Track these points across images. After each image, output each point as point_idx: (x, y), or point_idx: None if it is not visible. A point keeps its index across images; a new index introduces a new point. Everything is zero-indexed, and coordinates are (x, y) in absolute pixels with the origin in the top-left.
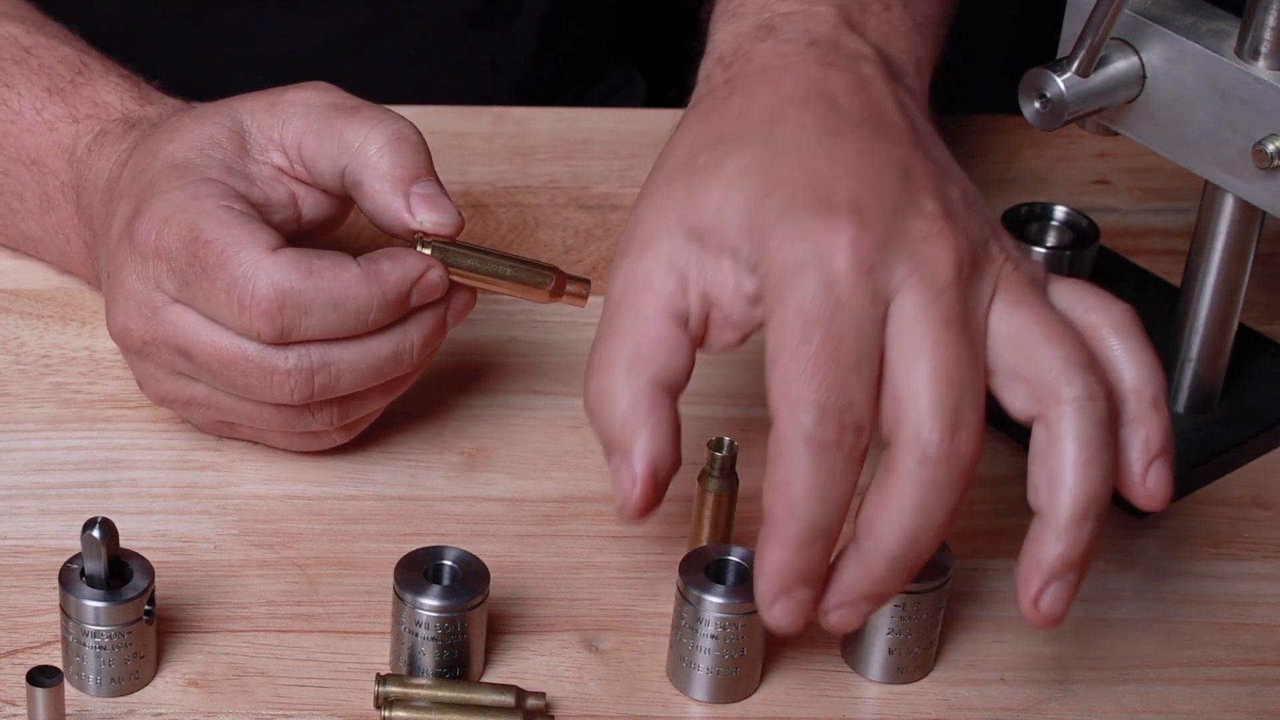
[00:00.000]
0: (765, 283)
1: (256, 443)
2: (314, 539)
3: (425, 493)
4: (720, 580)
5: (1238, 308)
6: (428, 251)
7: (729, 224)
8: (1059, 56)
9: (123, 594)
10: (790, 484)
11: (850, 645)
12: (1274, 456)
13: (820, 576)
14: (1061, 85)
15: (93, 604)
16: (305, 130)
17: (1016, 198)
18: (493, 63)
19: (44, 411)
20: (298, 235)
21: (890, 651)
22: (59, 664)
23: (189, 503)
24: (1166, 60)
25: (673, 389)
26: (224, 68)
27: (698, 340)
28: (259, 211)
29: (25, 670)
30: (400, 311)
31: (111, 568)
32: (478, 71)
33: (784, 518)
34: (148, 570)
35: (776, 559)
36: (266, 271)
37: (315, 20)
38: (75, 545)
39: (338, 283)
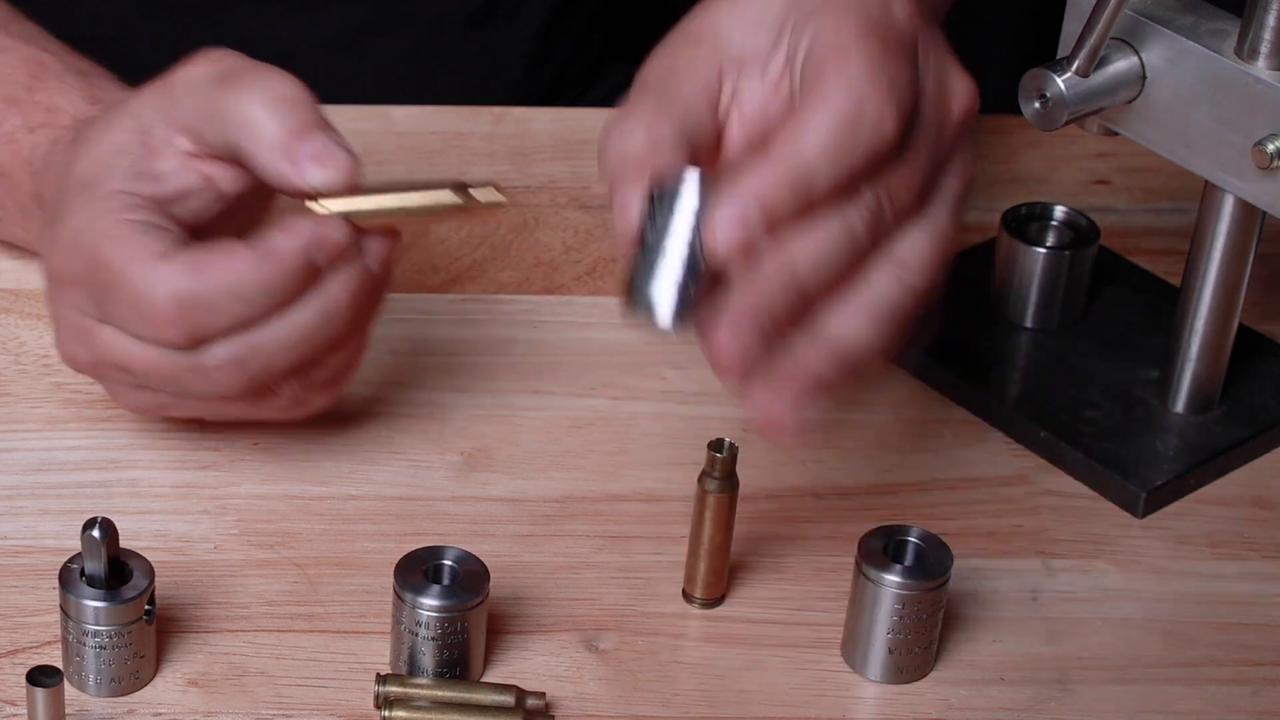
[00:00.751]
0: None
1: (256, 423)
2: (314, 539)
3: (425, 493)
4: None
5: (1238, 308)
6: (326, 210)
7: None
8: (1059, 56)
9: (123, 594)
10: None
11: (850, 645)
12: (1274, 456)
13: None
14: (1061, 85)
15: (93, 604)
16: (195, 110)
17: (1016, 198)
18: (492, 63)
19: (44, 411)
20: (240, 211)
21: (890, 651)
22: (59, 664)
23: (189, 503)
24: (1166, 60)
25: (696, 146)
26: None
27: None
28: (175, 205)
29: (25, 670)
30: (311, 279)
31: (111, 568)
32: (477, 72)
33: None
34: (148, 570)
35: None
36: (160, 281)
37: (315, 20)
38: (75, 545)
39: (231, 273)
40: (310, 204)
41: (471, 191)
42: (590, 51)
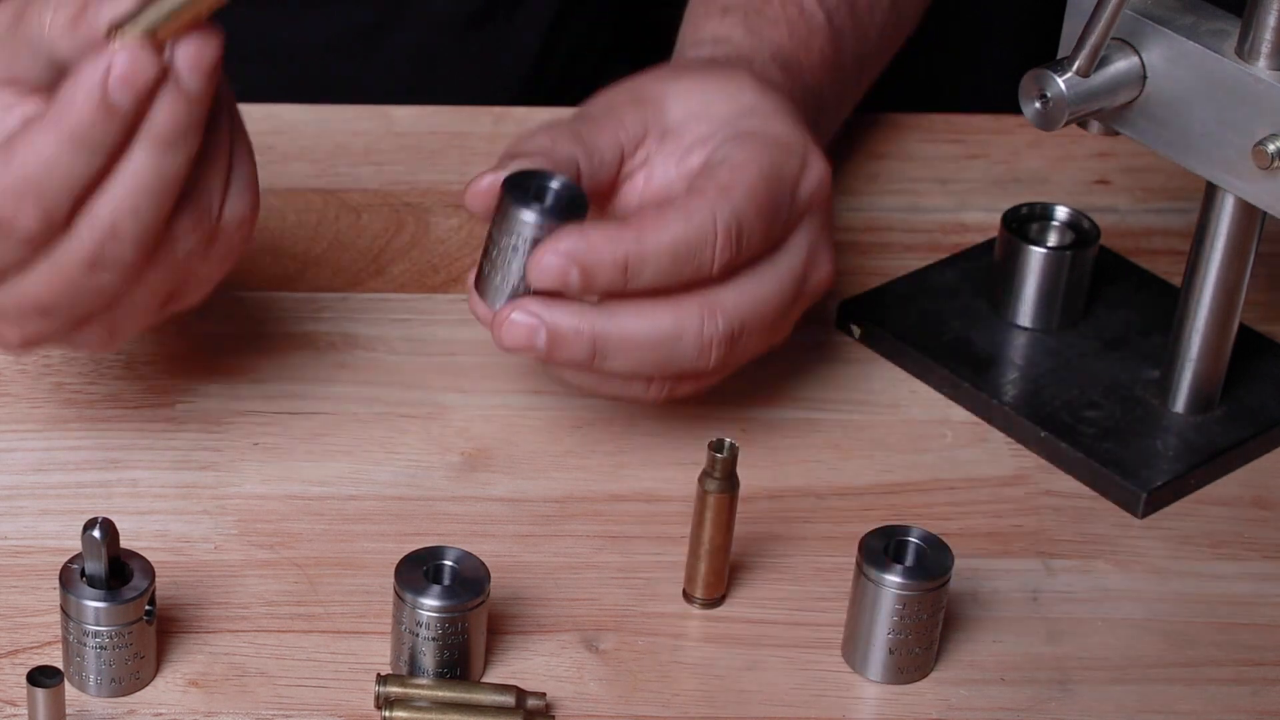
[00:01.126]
0: None
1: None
2: (314, 539)
3: (425, 493)
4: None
5: (1238, 308)
6: (125, 38)
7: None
8: (1059, 56)
9: (123, 594)
10: None
11: (850, 645)
12: (1274, 456)
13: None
14: (1061, 85)
15: (93, 604)
16: (5, 61)
17: (1016, 198)
18: (494, 64)
19: (44, 411)
20: None
21: (890, 651)
22: (59, 664)
23: (189, 503)
24: (1166, 60)
25: (591, 181)
26: (227, 66)
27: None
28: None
29: (25, 670)
30: (125, 119)
31: (112, 568)
32: (478, 72)
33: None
34: (148, 570)
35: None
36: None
37: (318, 21)
38: (75, 545)
39: (34, 150)
40: (111, 43)
41: None
42: (593, 52)
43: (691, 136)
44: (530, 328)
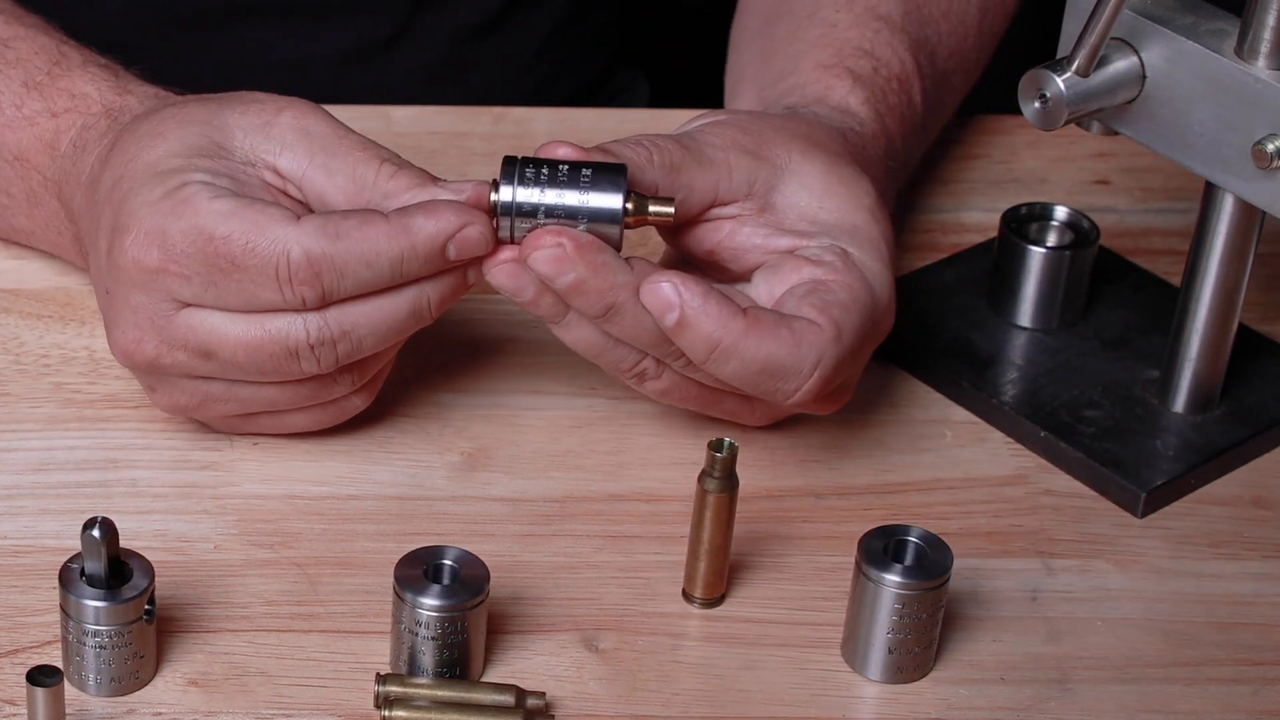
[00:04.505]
0: None
1: (273, 434)
2: (314, 539)
3: (425, 493)
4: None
5: (1238, 308)
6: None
7: None
8: (1059, 56)
9: (123, 594)
10: None
11: (850, 645)
12: (1274, 456)
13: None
14: (1061, 85)
15: (93, 604)
16: (309, 163)
17: (1016, 198)
18: (502, 73)
19: (44, 411)
20: None
21: (890, 651)
22: (59, 664)
23: (189, 503)
24: (1166, 60)
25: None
26: (239, 79)
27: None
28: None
29: (25, 670)
30: (434, 266)
31: (111, 567)
32: (488, 81)
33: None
34: (148, 570)
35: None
36: (296, 241)
37: (330, 34)
38: (75, 545)
39: (366, 241)
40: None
41: (650, 208)
42: (600, 61)
43: (790, 225)
44: (668, 303)
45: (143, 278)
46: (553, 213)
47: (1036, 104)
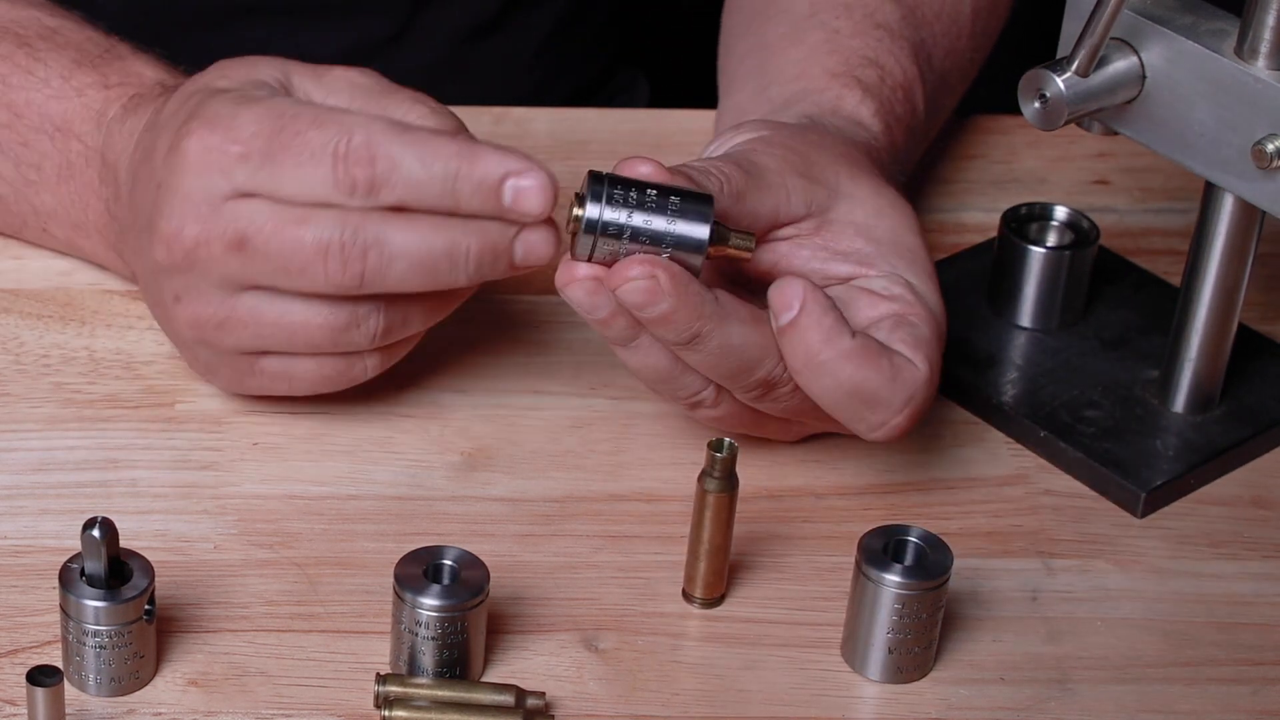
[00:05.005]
0: None
1: (276, 393)
2: (314, 539)
3: (425, 493)
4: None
5: (1238, 308)
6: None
7: None
8: (1059, 56)
9: (123, 594)
10: None
11: (850, 645)
12: (1274, 456)
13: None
14: (1061, 85)
15: (93, 604)
16: (350, 107)
17: (1016, 198)
18: (502, 73)
19: (44, 411)
20: None
21: (890, 651)
22: (59, 664)
23: (189, 503)
24: (1166, 60)
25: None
26: None
27: None
28: None
29: (25, 670)
30: (485, 202)
31: (111, 567)
32: (488, 82)
33: None
34: (148, 570)
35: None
36: (362, 125)
37: (331, 33)
38: (75, 545)
39: (428, 145)
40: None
41: (732, 240)
42: (600, 61)
43: (847, 243)
44: (788, 302)
45: (201, 157)
46: (638, 236)
47: (1036, 104)
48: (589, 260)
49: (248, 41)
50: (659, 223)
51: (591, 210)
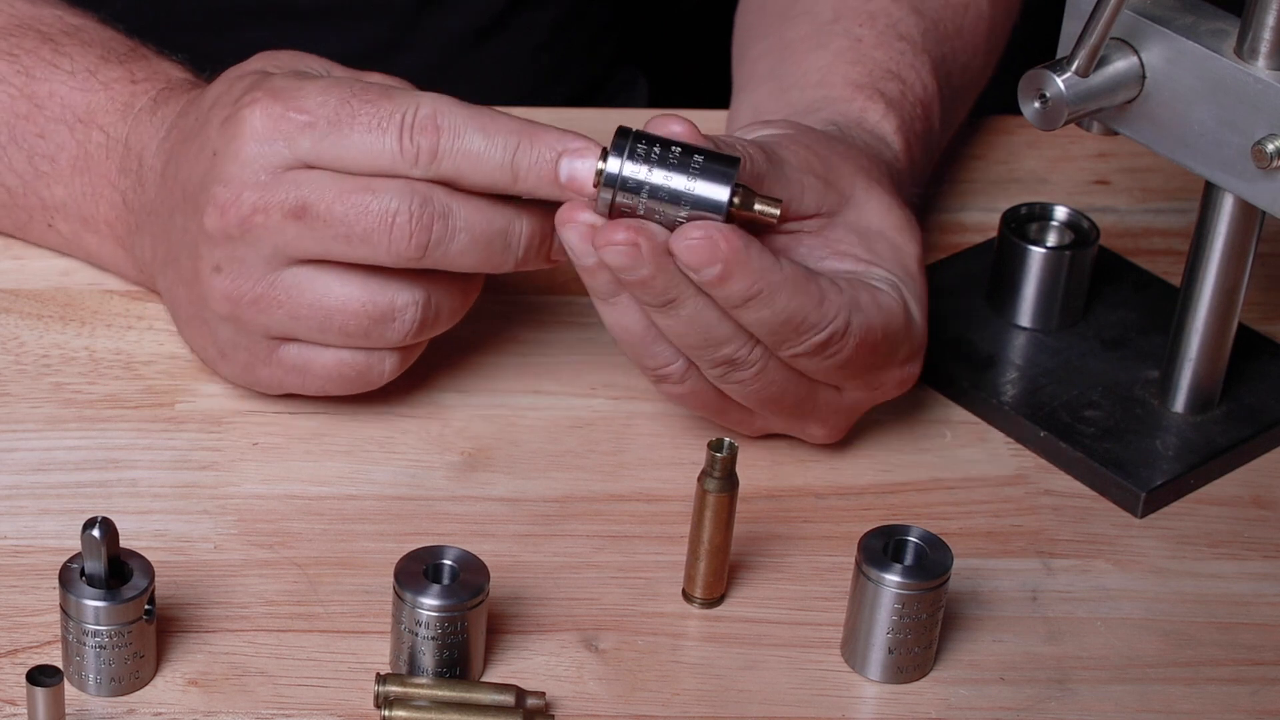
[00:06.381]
0: None
1: (285, 391)
2: (314, 539)
3: (425, 493)
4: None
5: (1238, 308)
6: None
7: None
8: (1059, 56)
9: (123, 594)
10: None
11: (850, 645)
12: (1274, 456)
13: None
14: (1061, 85)
15: (93, 604)
16: None
17: (1016, 198)
18: (501, 76)
19: (44, 411)
20: None
21: (890, 651)
22: (59, 664)
23: (189, 503)
24: (1166, 60)
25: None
26: None
27: None
28: None
29: (25, 670)
30: (541, 179)
31: (111, 567)
32: (487, 84)
33: None
34: (148, 570)
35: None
36: (430, 98)
37: (332, 37)
38: (75, 545)
39: (491, 119)
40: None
41: (756, 205)
42: (600, 61)
43: (847, 246)
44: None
45: (265, 124)
46: (656, 194)
47: (1036, 104)
48: (609, 215)
49: (250, 45)
50: (679, 180)
51: (612, 164)
